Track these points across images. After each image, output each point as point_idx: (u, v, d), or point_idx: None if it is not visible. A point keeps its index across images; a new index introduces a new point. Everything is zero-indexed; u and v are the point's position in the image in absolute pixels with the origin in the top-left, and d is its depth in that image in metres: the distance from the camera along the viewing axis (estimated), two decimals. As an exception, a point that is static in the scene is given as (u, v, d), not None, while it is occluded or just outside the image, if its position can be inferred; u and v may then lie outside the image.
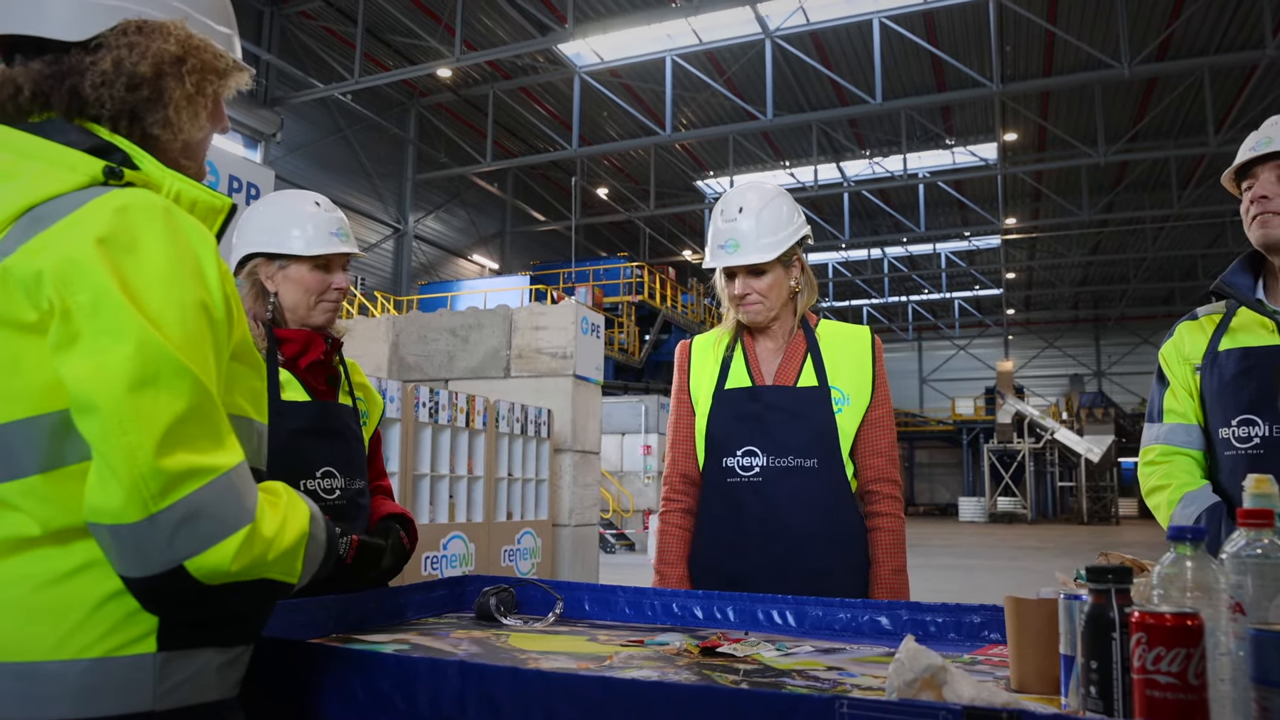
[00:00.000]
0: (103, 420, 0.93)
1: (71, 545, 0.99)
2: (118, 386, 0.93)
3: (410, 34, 19.04)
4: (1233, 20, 17.99)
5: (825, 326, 2.30)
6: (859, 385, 2.21)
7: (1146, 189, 26.60)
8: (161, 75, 1.14)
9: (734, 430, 2.20)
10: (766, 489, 2.14)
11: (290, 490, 1.13)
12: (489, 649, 1.53)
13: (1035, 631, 1.24)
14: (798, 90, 21.47)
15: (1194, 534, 1.00)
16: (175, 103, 1.16)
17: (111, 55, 1.12)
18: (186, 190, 1.13)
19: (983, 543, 21.12)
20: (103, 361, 0.94)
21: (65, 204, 1.03)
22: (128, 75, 1.12)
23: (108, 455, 0.93)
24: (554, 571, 7.99)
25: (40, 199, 1.03)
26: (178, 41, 1.16)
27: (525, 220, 28.22)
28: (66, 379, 0.96)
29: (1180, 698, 0.89)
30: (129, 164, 1.10)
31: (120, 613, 0.99)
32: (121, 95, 1.12)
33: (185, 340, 0.99)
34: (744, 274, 2.21)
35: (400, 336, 8.62)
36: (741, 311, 2.24)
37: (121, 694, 0.97)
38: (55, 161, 1.07)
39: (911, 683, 0.99)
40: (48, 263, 0.97)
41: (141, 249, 1.01)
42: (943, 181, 25.34)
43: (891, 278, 36.69)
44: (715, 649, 1.52)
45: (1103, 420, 33.65)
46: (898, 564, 2.16)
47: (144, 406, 0.94)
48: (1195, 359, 2.20)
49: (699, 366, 2.32)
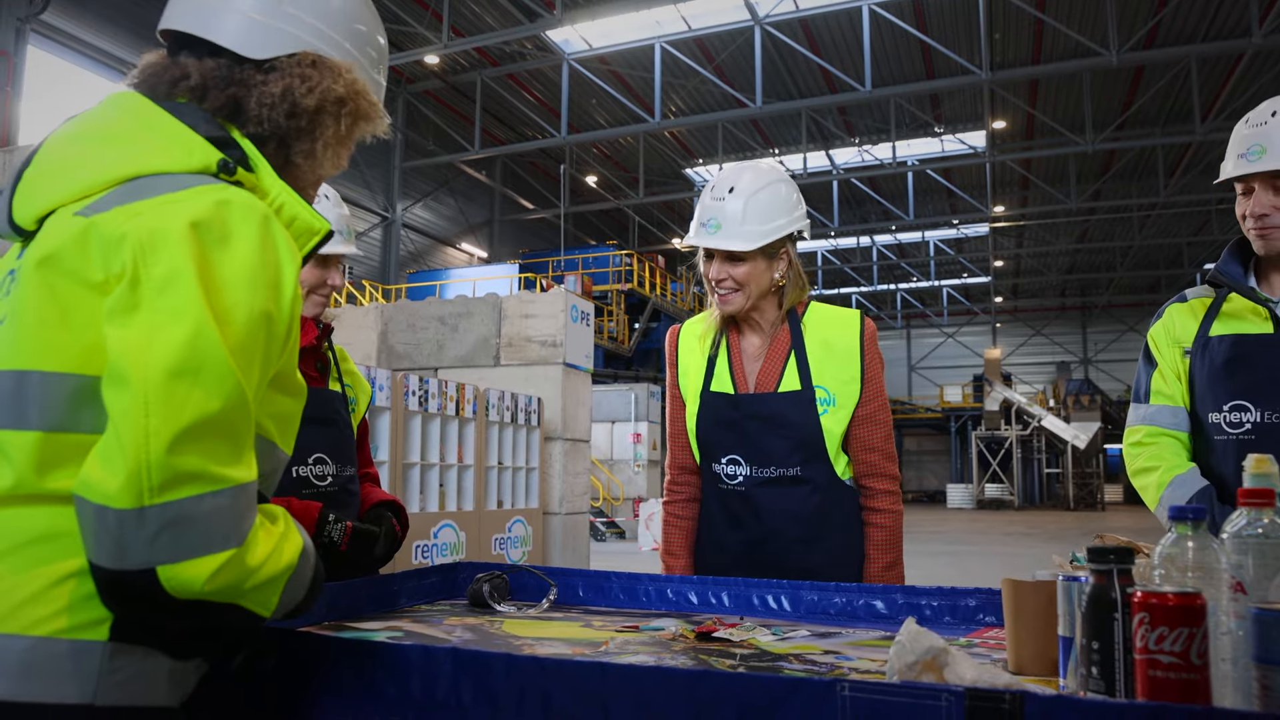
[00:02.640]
0: (131, 396, 0.90)
1: (38, 508, 0.95)
2: (157, 367, 0.90)
3: (398, 20, 18.91)
4: (1219, 9, 18.06)
5: (815, 314, 2.18)
6: (847, 383, 2.10)
7: (1133, 177, 26.71)
8: (321, 112, 1.19)
9: (718, 437, 2.14)
10: (751, 497, 2.10)
11: (289, 520, 1.08)
12: (483, 636, 1.52)
13: (1032, 614, 1.24)
14: (787, 78, 21.44)
15: (1195, 514, 1.00)
16: (325, 139, 1.21)
17: (283, 81, 1.16)
18: (290, 204, 1.14)
19: (971, 529, 21.23)
20: (152, 337, 0.92)
21: (171, 181, 1.03)
22: (291, 103, 1.16)
23: (123, 433, 0.89)
24: (545, 560, 7.98)
25: (148, 171, 1.04)
26: (345, 85, 1.20)
27: (514, 208, 28.14)
28: (111, 345, 0.93)
29: (1183, 677, 0.88)
30: (244, 164, 1.11)
31: (79, 593, 0.94)
32: (279, 120, 1.16)
33: (241, 345, 0.96)
34: (721, 258, 2.10)
35: (389, 325, 8.58)
36: (716, 300, 2.14)
37: (63, 680, 0.93)
38: (175, 139, 1.08)
39: (913, 665, 0.99)
40: (135, 229, 0.97)
41: (230, 245, 1.00)
42: (931, 169, 25.36)
43: (880, 265, 36.74)
44: (711, 634, 1.51)
45: (1089, 407, 33.87)
46: (889, 560, 2.10)
47: (176, 395, 0.90)
48: (1185, 342, 2.20)
49: (686, 359, 2.24)
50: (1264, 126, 2.01)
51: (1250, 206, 2.04)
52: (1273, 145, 1.98)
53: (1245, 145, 2.03)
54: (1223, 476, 2.09)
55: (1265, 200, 2.01)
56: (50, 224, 1.04)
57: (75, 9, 15.14)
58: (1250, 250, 2.15)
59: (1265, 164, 1.98)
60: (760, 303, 2.14)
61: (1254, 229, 2.05)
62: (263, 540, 0.99)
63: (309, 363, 2.09)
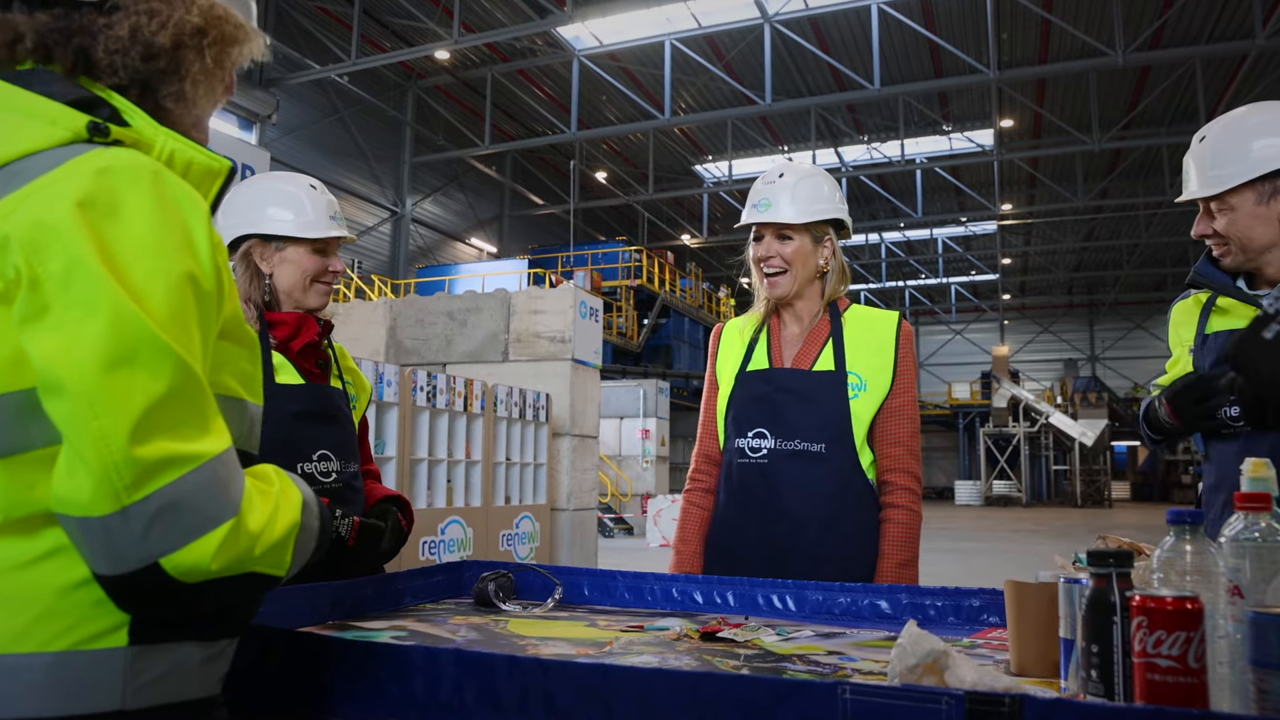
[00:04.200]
0: (71, 402, 0.84)
1: (39, 534, 0.91)
2: (89, 365, 0.84)
3: (408, 16, 18.92)
4: (1224, 10, 18.06)
5: (854, 311, 2.25)
6: (878, 371, 2.14)
7: (1140, 176, 26.61)
8: (180, 47, 1.06)
9: (747, 411, 2.18)
10: (771, 471, 2.11)
11: (283, 475, 1.04)
12: (487, 635, 1.53)
13: (1034, 615, 1.25)
14: (796, 75, 21.41)
15: (1193, 518, 1.01)
16: (193, 76, 1.08)
17: (129, 21, 1.04)
18: (181, 150, 1.03)
19: (979, 525, 21.21)
20: (73, 336, 0.85)
21: (41, 162, 0.93)
22: (144, 44, 1.04)
23: (76, 441, 0.84)
24: (552, 556, 8.00)
25: (13, 156, 0.93)
26: (200, 12, 1.08)
27: (523, 204, 28.15)
28: (34, 354, 0.87)
29: (1181, 680, 0.89)
30: (117, 119, 0.99)
31: (87, 601, 0.90)
32: (135, 65, 1.03)
33: (169, 316, 0.90)
34: (771, 235, 2.18)
35: (398, 320, 8.60)
36: (765, 284, 2.21)
37: (89, 692, 0.89)
38: (32, 114, 0.96)
39: (914, 668, 1.00)
40: (16, 227, 0.88)
41: (124, 214, 0.91)
42: (940, 167, 25.31)
43: (889, 262, 36.68)
44: (715, 634, 1.52)
45: (1096, 405, 33.79)
46: (904, 557, 2.07)
47: (118, 387, 0.84)
48: (1188, 340, 2.24)
49: (726, 349, 2.31)
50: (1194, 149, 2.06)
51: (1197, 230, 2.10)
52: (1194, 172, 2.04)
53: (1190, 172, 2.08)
54: (1221, 472, 2.11)
55: (1203, 224, 2.07)
56: None
57: None
58: None
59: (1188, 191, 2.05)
60: (805, 289, 2.21)
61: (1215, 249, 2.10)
62: (259, 502, 0.95)
63: (310, 360, 2.10)
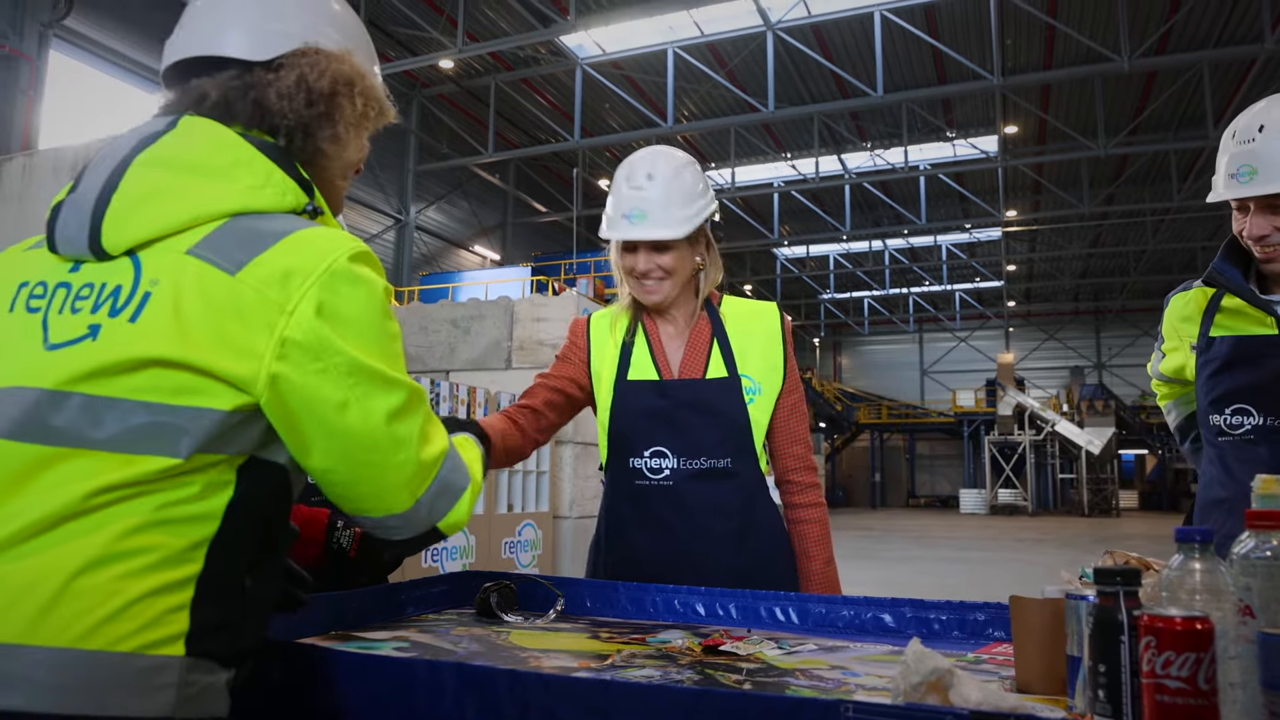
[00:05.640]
0: (375, 452, 1.12)
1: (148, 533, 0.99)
2: (378, 425, 1.11)
3: (412, 25, 18.97)
4: (1232, 14, 17.95)
5: (730, 305, 2.14)
6: (771, 371, 2.05)
7: (1146, 182, 26.54)
8: (336, 94, 1.25)
9: (640, 428, 2.04)
10: (677, 492, 2.00)
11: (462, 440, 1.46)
12: (489, 647, 1.52)
13: (1040, 631, 1.23)
14: (799, 82, 21.41)
15: (1202, 536, 0.99)
16: (345, 120, 1.27)
17: (294, 73, 1.22)
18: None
19: (984, 535, 21.14)
20: (365, 405, 1.10)
21: (280, 224, 1.12)
22: (307, 90, 1.22)
23: (385, 479, 1.14)
24: (555, 563, 7.98)
25: (251, 208, 1.12)
26: (350, 66, 1.28)
27: (527, 211, 28.17)
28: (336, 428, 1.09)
29: (1190, 703, 0.87)
30: (319, 213, 1.22)
31: (158, 609, 0.97)
32: (300, 109, 1.21)
33: (396, 364, 1.17)
34: (647, 249, 2.03)
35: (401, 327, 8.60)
36: (641, 291, 2.07)
37: (147, 695, 0.95)
38: (270, 179, 1.16)
39: (917, 686, 0.98)
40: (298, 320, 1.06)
41: (372, 282, 1.15)
42: (944, 174, 25.26)
43: (892, 269, 36.61)
44: (718, 647, 1.51)
45: (1103, 412, 33.64)
46: (828, 555, 2.06)
47: (400, 434, 1.13)
48: (1191, 336, 2.23)
49: (599, 347, 2.14)
50: (1252, 145, 1.97)
51: (1248, 229, 2.02)
52: (1264, 166, 1.94)
53: (1235, 165, 2.00)
54: (1221, 478, 2.09)
55: (1262, 223, 1.99)
56: (155, 257, 1.07)
57: (96, 14, 15.22)
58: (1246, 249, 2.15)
59: (1256, 188, 1.95)
60: (681, 291, 2.10)
61: (1257, 251, 2.04)
62: (476, 467, 1.34)
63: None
